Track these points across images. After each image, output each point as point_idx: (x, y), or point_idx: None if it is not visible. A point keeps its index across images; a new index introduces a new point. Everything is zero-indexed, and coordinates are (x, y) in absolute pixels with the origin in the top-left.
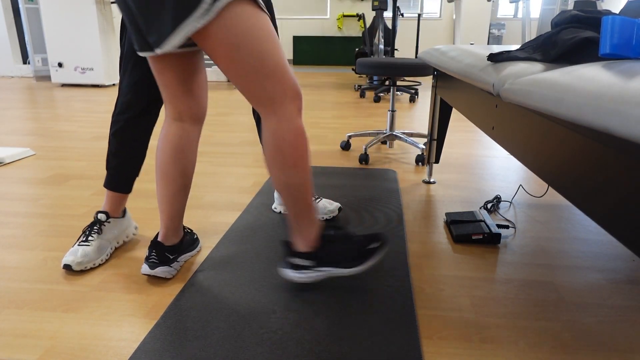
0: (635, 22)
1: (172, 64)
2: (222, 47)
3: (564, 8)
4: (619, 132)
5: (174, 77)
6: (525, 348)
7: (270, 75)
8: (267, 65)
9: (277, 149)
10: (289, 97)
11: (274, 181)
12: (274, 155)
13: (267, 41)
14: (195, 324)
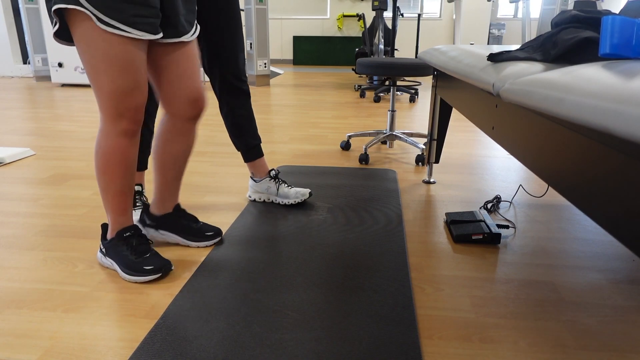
0: (635, 22)
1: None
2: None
3: (564, 8)
4: (619, 132)
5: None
6: (525, 348)
7: (95, 89)
8: (92, 80)
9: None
10: (109, 115)
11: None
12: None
13: (93, 60)
14: (195, 324)
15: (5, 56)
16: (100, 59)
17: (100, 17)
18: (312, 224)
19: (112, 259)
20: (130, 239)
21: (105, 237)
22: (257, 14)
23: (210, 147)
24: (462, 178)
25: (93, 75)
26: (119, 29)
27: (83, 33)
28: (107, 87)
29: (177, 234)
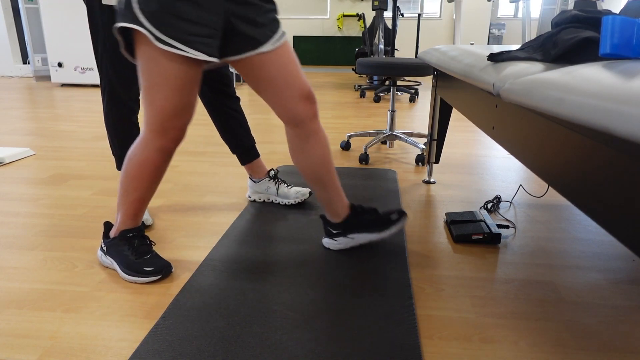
0: (636, 22)
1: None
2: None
3: (564, 8)
4: (619, 132)
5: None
6: (525, 348)
7: (146, 103)
8: (145, 94)
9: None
10: (153, 130)
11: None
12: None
13: (149, 76)
14: (195, 324)
15: (5, 56)
16: (156, 76)
17: (157, 34)
18: (312, 224)
19: (113, 258)
20: (132, 239)
21: (107, 235)
22: None
23: (210, 147)
24: (462, 178)
25: (147, 90)
26: (175, 47)
27: (143, 50)
28: (159, 103)
29: (366, 232)
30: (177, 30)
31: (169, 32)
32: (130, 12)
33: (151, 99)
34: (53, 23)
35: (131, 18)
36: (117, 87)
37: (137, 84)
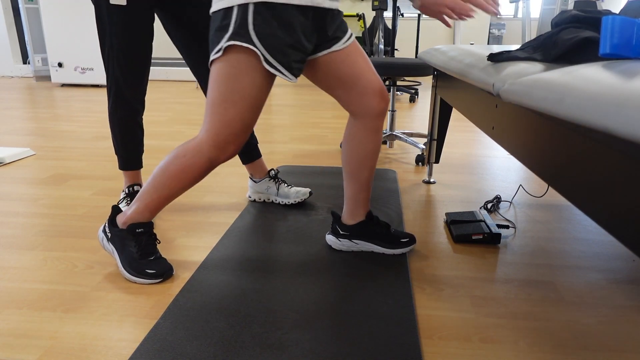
0: (635, 22)
1: None
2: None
3: (564, 8)
4: (619, 132)
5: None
6: (525, 348)
7: (215, 115)
8: (217, 106)
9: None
10: (214, 141)
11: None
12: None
13: (232, 91)
14: (195, 324)
15: (5, 56)
16: (238, 92)
17: (268, 58)
18: (312, 224)
19: (116, 249)
20: (140, 236)
21: (113, 220)
22: None
23: None
24: (462, 178)
25: (221, 104)
26: (280, 72)
27: (239, 66)
28: (231, 118)
29: (372, 242)
30: (285, 57)
31: (279, 57)
32: (244, 32)
33: (223, 113)
34: (53, 23)
35: (245, 38)
36: (124, 88)
37: (143, 85)
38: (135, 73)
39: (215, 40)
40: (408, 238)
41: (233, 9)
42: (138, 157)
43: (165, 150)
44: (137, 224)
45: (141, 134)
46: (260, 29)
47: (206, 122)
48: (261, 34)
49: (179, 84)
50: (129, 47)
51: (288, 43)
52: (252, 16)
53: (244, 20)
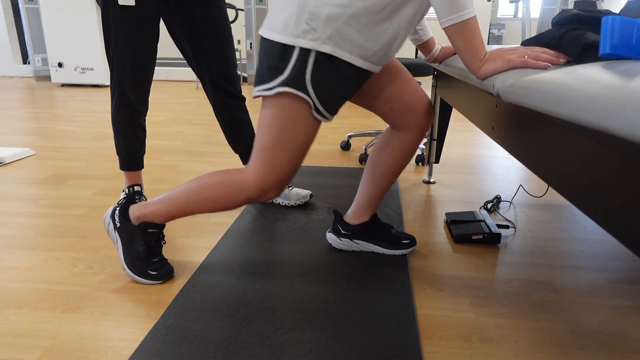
0: (635, 22)
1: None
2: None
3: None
4: (619, 132)
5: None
6: (525, 348)
7: (267, 161)
8: (268, 151)
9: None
10: (259, 184)
11: None
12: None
13: (283, 136)
14: (195, 324)
15: (5, 56)
16: (292, 140)
17: (319, 108)
18: (312, 224)
19: (122, 241)
20: (150, 237)
21: (126, 212)
22: (257, 14)
23: (210, 147)
24: (462, 178)
25: (272, 149)
26: (326, 118)
27: (291, 113)
28: (280, 163)
29: (373, 243)
30: (336, 106)
31: (330, 107)
32: (301, 80)
33: (273, 159)
34: (53, 23)
35: (299, 86)
36: (128, 89)
37: (147, 87)
38: (140, 74)
39: (267, 77)
40: (409, 239)
41: (294, 50)
42: (139, 158)
43: (165, 150)
44: (150, 223)
45: (143, 135)
46: (317, 80)
47: (254, 164)
48: (317, 85)
49: (178, 84)
50: (135, 49)
51: (342, 95)
52: (312, 65)
53: (303, 67)
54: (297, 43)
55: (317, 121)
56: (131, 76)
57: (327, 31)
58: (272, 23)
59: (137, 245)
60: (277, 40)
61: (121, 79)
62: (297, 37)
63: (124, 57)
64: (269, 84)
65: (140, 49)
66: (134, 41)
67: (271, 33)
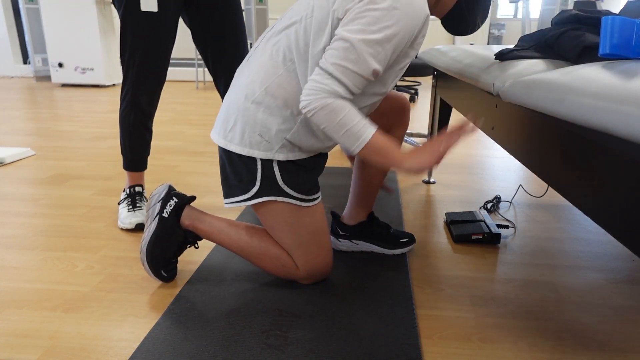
0: (635, 22)
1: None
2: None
3: (564, 8)
4: (619, 132)
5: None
6: (525, 348)
7: (305, 259)
8: (293, 248)
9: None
10: (306, 273)
11: None
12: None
13: (293, 234)
14: (195, 324)
15: (5, 56)
16: (307, 232)
17: (304, 198)
18: None
19: (156, 230)
20: (186, 242)
21: (181, 210)
22: (257, 14)
23: (210, 147)
24: (462, 178)
25: (300, 248)
26: (314, 200)
27: (288, 215)
28: (314, 254)
29: (372, 243)
30: (316, 188)
31: (312, 192)
32: (275, 186)
33: (305, 253)
34: (53, 23)
35: (276, 191)
36: (140, 94)
37: (160, 91)
38: (154, 80)
39: (239, 190)
40: (408, 238)
41: (256, 161)
42: (144, 159)
43: (165, 150)
44: (196, 235)
45: (149, 137)
46: (289, 180)
47: (295, 260)
48: (291, 184)
49: (179, 84)
50: (152, 55)
51: (316, 177)
52: (279, 172)
53: (272, 175)
54: (256, 155)
55: (318, 205)
56: (145, 81)
57: (279, 142)
58: (225, 131)
59: (170, 246)
60: (237, 152)
61: (135, 83)
62: (253, 149)
63: (140, 62)
64: (244, 196)
65: (157, 55)
66: (151, 47)
67: (228, 144)
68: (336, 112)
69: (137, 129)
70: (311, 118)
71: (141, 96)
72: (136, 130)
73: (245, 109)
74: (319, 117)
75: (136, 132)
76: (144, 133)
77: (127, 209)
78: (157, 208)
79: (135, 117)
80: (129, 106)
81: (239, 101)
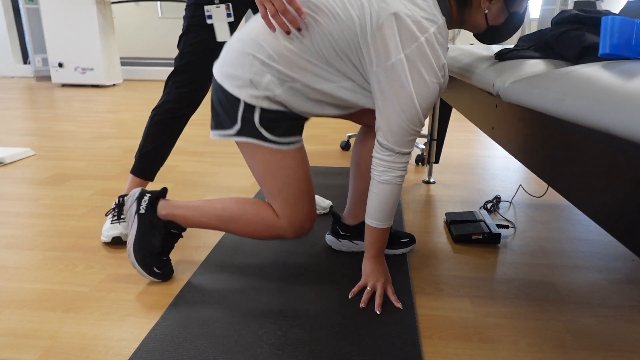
0: (635, 22)
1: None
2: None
3: (564, 8)
4: (619, 132)
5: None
6: (525, 348)
7: (284, 205)
8: (274, 194)
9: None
10: (287, 225)
11: None
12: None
13: (274, 178)
14: (195, 324)
15: (5, 56)
16: (287, 177)
17: (279, 140)
18: None
19: (138, 228)
20: (170, 237)
21: (155, 203)
22: None
23: (210, 147)
24: (462, 178)
25: (280, 194)
26: (294, 143)
27: (267, 158)
28: (294, 200)
29: None
30: (293, 129)
31: (287, 133)
32: (252, 128)
33: (285, 199)
34: (53, 23)
35: (254, 133)
36: (185, 105)
37: (199, 103)
38: (203, 91)
39: (225, 123)
40: (408, 238)
41: (240, 102)
42: (155, 171)
43: None
44: (177, 225)
45: (170, 151)
46: (266, 122)
47: (276, 210)
48: (268, 126)
49: None
50: (208, 67)
51: (291, 124)
52: (259, 116)
53: (251, 117)
54: (242, 97)
55: (296, 150)
56: (193, 92)
57: (265, 93)
58: (225, 69)
59: (154, 240)
60: (227, 89)
61: (182, 94)
62: (240, 88)
63: (194, 73)
64: (227, 131)
65: (210, 67)
66: (208, 60)
67: (223, 79)
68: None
69: (167, 140)
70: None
71: (180, 106)
72: (164, 142)
73: (253, 57)
74: (394, 189)
75: (163, 144)
76: (171, 145)
77: (111, 220)
78: (134, 207)
79: (171, 125)
80: (169, 114)
81: (251, 47)
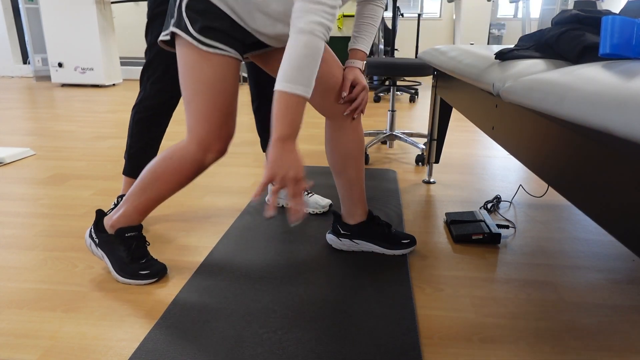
0: (635, 22)
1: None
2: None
3: (564, 8)
4: (619, 132)
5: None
6: (525, 348)
7: (193, 116)
8: (188, 101)
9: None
10: (195, 140)
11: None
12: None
13: (190, 82)
14: (195, 324)
15: (5, 56)
16: (205, 82)
17: (201, 39)
18: (312, 223)
19: (106, 254)
20: (130, 241)
21: (99, 225)
22: None
23: None
24: (462, 178)
25: (194, 99)
26: (217, 48)
27: (191, 58)
28: (205, 110)
29: (373, 243)
30: (214, 32)
31: (210, 35)
32: (181, 19)
33: (197, 108)
34: (53, 23)
35: (180, 24)
36: (156, 101)
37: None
38: (177, 84)
39: (169, 19)
40: (409, 239)
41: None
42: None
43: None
44: (126, 227)
45: (157, 148)
46: (191, 12)
47: (187, 124)
48: (191, 17)
49: None
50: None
51: (216, 26)
52: (186, 4)
53: (180, 6)
54: None
55: (219, 58)
56: (169, 86)
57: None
58: None
59: (120, 252)
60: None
61: (160, 89)
62: None
63: (167, 63)
64: (167, 30)
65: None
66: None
67: None
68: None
69: (152, 140)
70: (310, 38)
71: (159, 109)
72: (151, 141)
73: None
74: (319, 42)
75: (150, 142)
76: (158, 142)
77: None
78: (93, 243)
79: (148, 119)
80: (144, 109)
81: None
